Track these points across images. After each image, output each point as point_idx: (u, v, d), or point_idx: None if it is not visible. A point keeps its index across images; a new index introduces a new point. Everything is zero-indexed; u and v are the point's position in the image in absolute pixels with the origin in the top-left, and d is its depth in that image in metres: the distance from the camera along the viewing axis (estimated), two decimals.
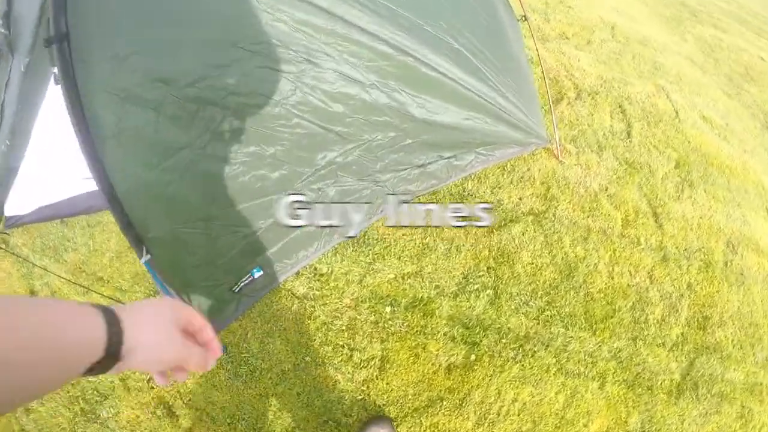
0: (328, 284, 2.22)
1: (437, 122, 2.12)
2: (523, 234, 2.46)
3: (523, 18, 2.69)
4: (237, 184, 1.80)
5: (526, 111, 2.46)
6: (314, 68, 1.76)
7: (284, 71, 1.70)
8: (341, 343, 2.11)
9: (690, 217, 2.89)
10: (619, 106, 3.42)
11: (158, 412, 2.04)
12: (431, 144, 2.20)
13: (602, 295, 2.37)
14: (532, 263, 2.38)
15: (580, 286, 2.36)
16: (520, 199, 2.61)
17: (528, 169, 2.73)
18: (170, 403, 2.07)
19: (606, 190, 2.79)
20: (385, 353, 2.09)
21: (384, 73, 1.91)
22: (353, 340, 2.11)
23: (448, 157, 2.32)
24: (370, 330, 2.13)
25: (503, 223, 2.49)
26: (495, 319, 2.20)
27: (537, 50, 2.87)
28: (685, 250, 2.74)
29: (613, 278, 2.44)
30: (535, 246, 2.43)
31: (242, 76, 1.62)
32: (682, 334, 2.43)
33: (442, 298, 2.22)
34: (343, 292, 2.21)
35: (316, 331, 2.14)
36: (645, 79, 3.87)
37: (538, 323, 2.22)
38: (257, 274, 2.02)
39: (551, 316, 2.25)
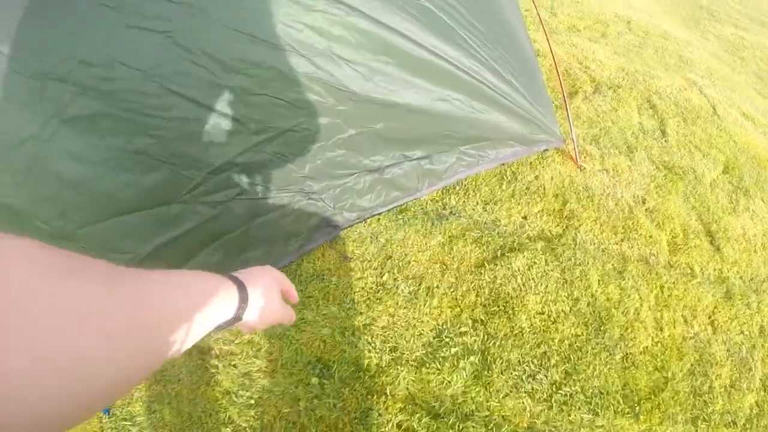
0: (241, 336, 1.32)
1: (395, 103, 1.21)
2: (529, 268, 1.49)
3: None
4: (97, 191, 1.08)
5: (530, 96, 1.52)
6: (198, 24, 1.00)
7: (154, 30, 0.98)
8: (245, 424, 1.21)
9: (752, 235, 1.88)
10: (648, 101, 2.42)
11: None
12: (389, 138, 1.28)
13: (648, 357, 1.39)
14: (543, 312, 1.40)
15: (616, 346, 1.39)
16: (525, 218, 1.64)
17: (536, 177, 1.76)
18: None
19: (644, 202, 1.79)
20: None
21: (305, 30, 1.04)
22: (262, 422, 1.21)
23: (418, 158, 1.39)
24: (287, 410, 1.21)
25: (500, 252, 1.52)
26: (482, 402, 1.24)
27: (547, 37, 1.93)
28: (752, 280, 1.75)
29: (662, 329, 1.45)
30: (547, 286, 1.46)
31: (97, 42, 0.98)
32: (756, 403, 1.48)
33: (399, 366, 1.27)
34: (258, 350, 1.30)
35: (216, 403, 1.25)
36: (672, 72, 2.86)
37: (551, 407, 1.26)
38: None
39: (571, 395, 1.28)
